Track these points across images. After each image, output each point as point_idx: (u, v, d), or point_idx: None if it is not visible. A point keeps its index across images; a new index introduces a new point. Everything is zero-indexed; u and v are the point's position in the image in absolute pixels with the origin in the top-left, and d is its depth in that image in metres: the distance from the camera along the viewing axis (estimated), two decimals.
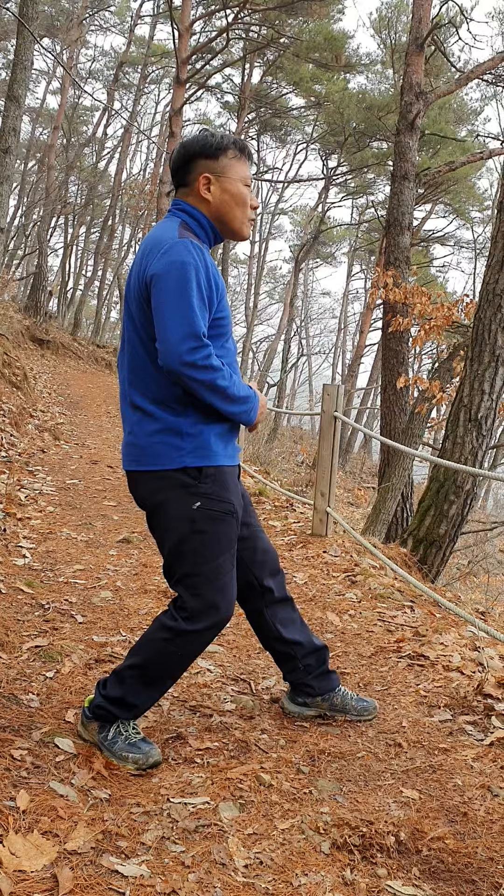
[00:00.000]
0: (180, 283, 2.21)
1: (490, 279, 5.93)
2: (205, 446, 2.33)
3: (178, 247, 2.25)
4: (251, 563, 2.66)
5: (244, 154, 2.45)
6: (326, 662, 2.84)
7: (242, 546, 2.62)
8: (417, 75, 10.80)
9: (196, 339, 2.20)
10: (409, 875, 2.00)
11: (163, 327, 2.21)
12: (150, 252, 2.31)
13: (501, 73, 14.49)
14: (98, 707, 2.47)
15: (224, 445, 2.40)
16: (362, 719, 2.85)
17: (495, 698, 3.02)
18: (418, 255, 30.81)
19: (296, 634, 2.77)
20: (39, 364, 18.96)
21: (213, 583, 2.38)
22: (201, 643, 2.44)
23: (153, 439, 2.33)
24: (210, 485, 2.35)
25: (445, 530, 6.10)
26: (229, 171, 2.41)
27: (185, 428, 2.32)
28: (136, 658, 2.43)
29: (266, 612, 2.73)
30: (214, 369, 2.24)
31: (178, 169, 2.45)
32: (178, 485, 2.33)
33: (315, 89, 26.54)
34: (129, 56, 31.07)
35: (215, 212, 2.42)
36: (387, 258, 10.79)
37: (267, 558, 2.70)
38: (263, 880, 1.93)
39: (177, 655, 2.41)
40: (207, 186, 2.40)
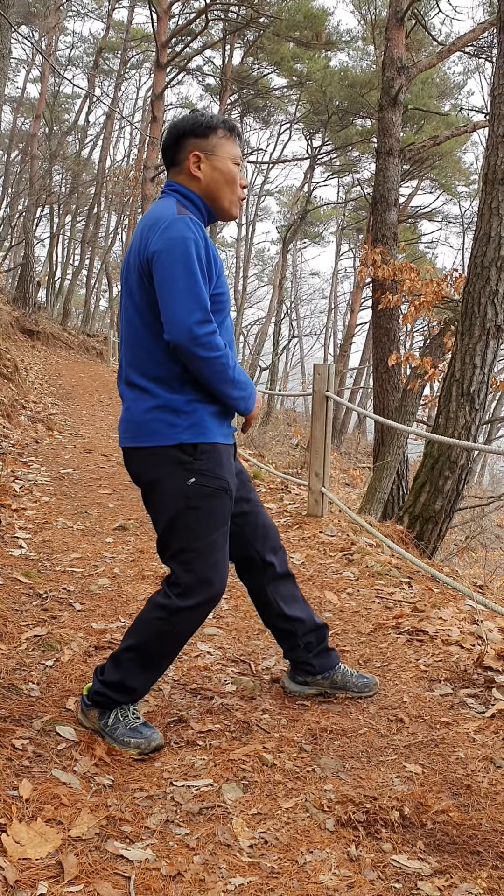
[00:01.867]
0: (184, 258, 2.23)
1: (478, 252, 5.90)
2: (200, 423, 2.35)
3: (178, 223, 2.27)
4: (252, 538, 2.67)
5: (233, 133, 2.46)
6: (326, 640, 2.84)
7: (243, 521, 2.63)
8: (399, 50, 10.71)
9: (203, 313, 2.23)
10: (414, 849, 2.00)
11: (169, 302, 2.24)
12: (149, 229, 2.33)
13: (483, 44, 14.40)
14: (97, 693, 2.47)
15: (219, 424, 2.41)
16: (363, 695, 2.85)
17: (495, 670, 3.02)
18: (406, 231, 30.72)
19: (297, 611, 2.77)
20: (30, 355, 18.90)
21: (207, 558, 2.39)
22: (195, 620, 2.43)
23: (149, 416, 2.35)
24: (205, 461, 2.36)
25: (441, 506, 6.10)
26: (219, 150, 2.43)
27: (181, 405, 2.33)
28: (132, 640, 2.43)
29: (268, 588, 2.74)
30: (219, 347, 2.27)
31: (168, 148, 2.48)
32: (173, 461, 2.34)
33: (296, 68, 26.37)
34: (108, 41, 30.80)
35: (206, 189, 2.44)
36: (374, 235, 10.74)
37: (268, 534, 2.71)
38: (269, 859, 1.93)
39: (172, 634, 2.42)
40: (198, 164, 2.42)
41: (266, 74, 28.64)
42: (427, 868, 1.92)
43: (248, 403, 2.43)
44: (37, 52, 26.90)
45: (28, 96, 33.67)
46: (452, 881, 1.87)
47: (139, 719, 2.46)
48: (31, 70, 32.48)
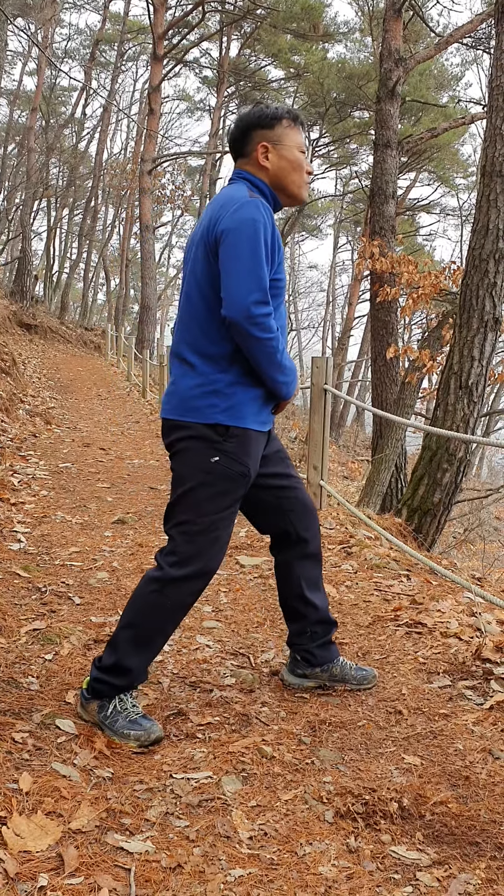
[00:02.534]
0: (251, 239, 2.31)
1: (476, 244, 5.90)
2: (237, 407, 2.42)
3: (249, 205, 2.35)
4: (290, 512, 2.71)
5: (297, 122, 2.55)
6: (330, 635, 2.86)
7: (283, 495, 2.69)
8: (396, 41, 10.68)
9: (263, 294, 2.30)
10: (413, 840, 2.01)
11: (231, 279, 2.31)
12: (220, 208, 2.40)
13: (481, 36, 14.35)
14: (95, 681, 2.48)
15: (256, 410, 2.48)
16: (362, 688, 2.86)
17: (494, 662, 3.03)
18: (404, 224, 30.67)
19: (315, 598, 2.80)
20: (28, 349, 18.88)
21: (209, 534, 2.44)
22: (187, 593, 2.46)
23: (192, 392, 2.42)
24: (233, 444, 2.43)
25: (439, 498, 6.11)
26: (285, 139, 2.52)
27: (222, 387, 2.41)
28: (127, 617, 2.47)
29: (296, 565, 2.77)
30: (272, 329, 2.34)
31: (236, 141, 2.56)
32: (204, 437, 2.42)
33: (294, 60, 26.29)
34: (104, 33, 30.70)
35: (274, 178, 2.53)
36: (372, 228, 10.73)
37: (307, 512, 2.74)
38: (268, 851, 1.94)
39: (165, 607, 2.44)
40: (265, 154, 2.51)
41: (263, 66, 28.57)
42: (426, 859, 1.93)
43: (290, 388, 2.50)
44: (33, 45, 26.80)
45: (24, 89, 33.59)
46: (451, 872, 1.88)
47: (138, 712, 2.47)
48: (28, 62, 32.35)
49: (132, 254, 37.56)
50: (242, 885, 1.80)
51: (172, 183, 31.24)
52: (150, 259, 24.46)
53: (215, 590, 4.02)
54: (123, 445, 9.11)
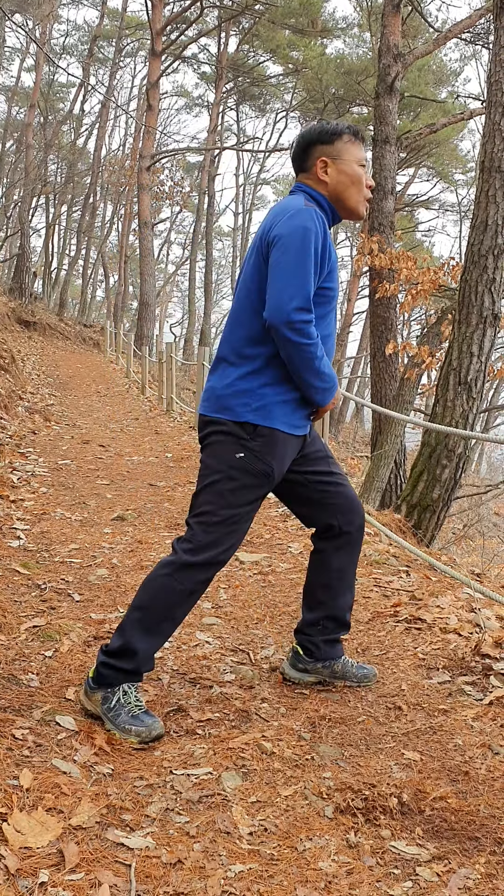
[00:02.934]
0: (300, 246, 2.37)
1: (475, 240, 5.90)
2: (266, 408, 2.49)
3: (303, 213, 2.42)
4: (333, 506, 2.75)
5: (358, 137, 2.61)
6: (339, 634, 2.88)
7: (327, 489, 2.73)
8: (395, 37, 10.66)
9: (304, 301, 2.36)
10: (413, 835, 2.02)
11: (276, 283, 2.38)
12: (276, 215, 2.48)
13: (480, 31, 14.33)
14: (101, 665, 2.50)
15: (288, 413, 2.53)
16: (362, 685, 2.87)
17: (493, 658, 3.04)
18: (403, 219, 30.65)
19: (340, 591, 2.82)
20: (27, 346, 18.87)
21: (227, 526, 2.51)
22: (198, 580, 2.51)
23: (227, 392, 2.51)
24: (259, 444, 2.49)
25: (439, 495, 6.11)
26: (344, 154, 2.58)
27: (255, 387, 2.48)
28: (137, 600, 2.52)
29: (333, 555, 2.80)
30: (311, 336, 2.39)
31: (297, 157, 2.64)
32: (233, 434, 2.50)
33: (292, 56, 26.26)
34: (102, 29, 30.64)
35: (333, 192, 2.59)
36: (371, 224, 10.72)
37: (353, 507, 2.77)
38: (268, 846, 1.94)
39: (176, 591, 2.49)
40: (325, 169, 2.57)
41: (262, 62, 28.53)
42: (425, 854, 1.94)
43: (327, 396, 2.55)
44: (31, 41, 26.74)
45: (22, 85, 33.56)
46: (451, 867, 1.88)
47: (142, 707, 2.48)
48: (26, 59, 32.33)
49: (131, 250, 37.54)
50: (243, 881, 1.80)
51: (171, 179, 31.23)
52: (148, 256, 24.44)
53: (215, 586, 4.03)
54: (123, 442, 9.11)
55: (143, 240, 24.42)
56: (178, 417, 11.89)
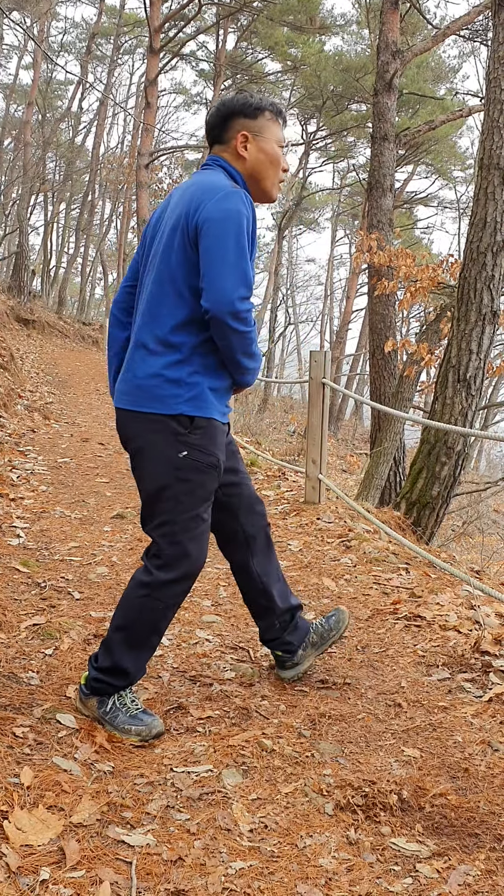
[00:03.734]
0: (236, 232, 2.25)
1: (474, 237, 5.89)
2: (200, 397, 2.36)
3: (235, 196, 2.29)
4: (238, 509, 2.69)
5: (280, 116, 2.52)
6: (297, 617, 2.86)
7: (231, 492, 2.66)
8: (393, 34, 10.65)
9: (247, 290, 2.27)
10: (413, 832, 2.02)
11: (217, 273, 2.24)
12: (202, 194, 2.31)
13: (479, 27, 14.31)
14: (94, 680, 2.48)
15: (218, 400, 2.43)
16: (342, 632, 2.88)
17: (492, 655, 3.04)
18: (402, 217, 30.64)
19: (276, 589, 2.80)
20: (25, 344, 18.86)
21: (190, 531, 2.41)
22: (178, 593, 2.45)
23: (152, 381, 2.35)
24: (199, 436, 2.38)
25: (438, 492, 6.11)
26: (265, 132, 2.47)
27: (185, 376, 2.34)
28: (119, 620, 2.45)
29: (251, 563, 2.75)
30: (251, 322, 2.31)
31: (215, 126, 2.51)
32: (168, 430, 2.35)
33: (291, 53, 26.19)
34: (100, 27, 30.57)
35: (250, 170, 2.47)
36: (370, 221, 10.71)
37: (254, 507, 2.73)
38: (269, 843, 1.95)
39: (158, 609, 2.43)
40: (245, 144, 2.46)
41: (260, 59, 28.46)
42: (425, 851, 1.94)
43: (255, 376, 2.46)
44: (29, 39, 26.70)
45: (20, 83, 33.47)
46: (451, 863, 1.89)
47: (139, 707, 2.48)
48: (24, 56, 32.24)
49: (130, 248, 37.49)
50: (243, 878, 1.81)
51: (169, 177, 31.17)
52: None
53: (214, 584, 4.03)
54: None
55: None
56: None
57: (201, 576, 4.17)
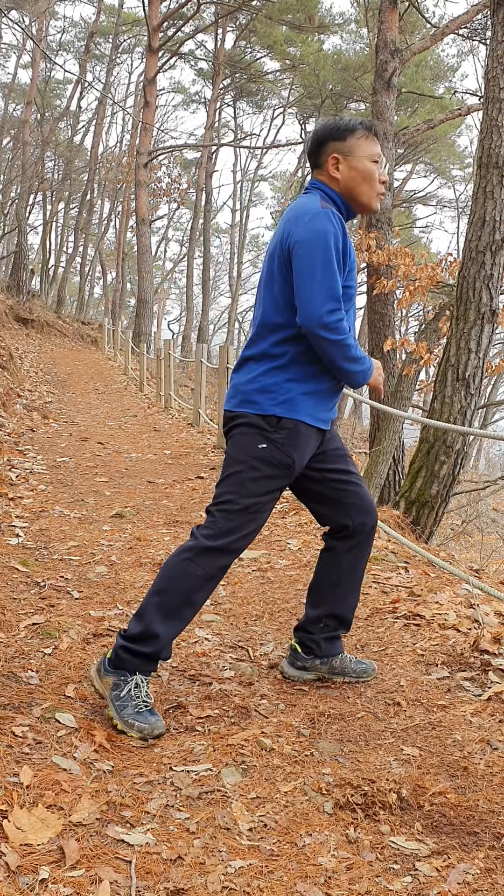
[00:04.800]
0: (323, 250, 2.43)
1: (472, 236, 5.89)
2: (292, 401, 2.55)
3: (321, 216, 2.47)
4: (350, 505, 2.77)
5: (371, 132, 2.62)
6: (339, 632, 2.89)
7: (345, 488, 2.76)
8: (392, 32, 10.65)
9: (335, 302, 2.43)
10: (412, 830, 2.02)
11: (306, 290, 2.44)
12: (294, 220, 2.52)
13: (477, 26, 14.32)
14: (120, 649, 2.52)
15: (313, 405, 2.59)
16: (361, 681, 2.88)
17: (492, 654, 3.04)
18: (401, 216, 30.64)
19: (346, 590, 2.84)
20: (24, 343, 18.86)
21: (247, 514, 2.56)
22: (217, 565, 2.56)
23: (252, 386, 2.58)
24: (283, 436, 2.55)
25: (437, 491, 6.12)
26: (356, 150, 2.59)
27: (280, 382, 2.55)
28: (157, 585, 2.55)
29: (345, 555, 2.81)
30: (344, 330, 2.46)
31: (312, 153, 2.68)
32: (256, 426, 2.57)
33: (289, 52, 26.22)
34: (99, 26, 30.57)
35: (344, 188, 2.62)
36: (369, 220, 10.71)
37: (368, 509, 2.80)
38: (268, 842, 1.95)
39: (196, 574, 2.52)
40: (336, 165, 2.60)
41: (259, 58, 28.48)
42: (425, 849, 1.94)
43: (367, 375, 2.60)
44: (27, 38, 26.67)
45: (19, 82, 33.44)
46: (450, 862, 1.89)
47: (149, 705, 2.48)
48: (22, 55, 32.22)
49: (128, 247, 37.51)
50: (243, 877, 1.81)
51: (168, 176, 31.17)
52: (146, 253, 24.42)
53: None
54: (121, 439, 9.11)
55: (140, 237, 24.40)
56: (176, 414, 11.89)
57: None
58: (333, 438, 2.79)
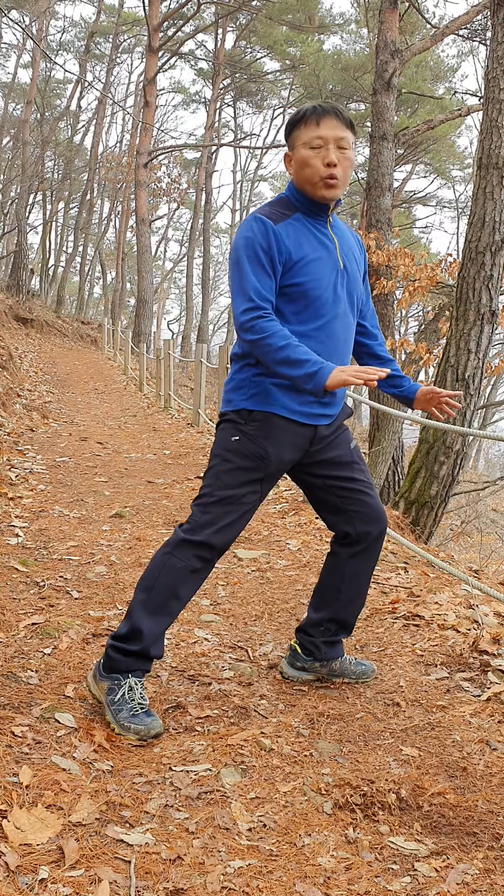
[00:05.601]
0: (237, 258, 2.47)
1: (472, 237, 5.90)
2: (262, 394, 2.55)
3: (243, 225, 2.52)
4: (354, 513, 2.72)
5: (313, 115, 2.49)
6: (340, 636, 2.87)
7: (353, 498, 2.71)
8: (392, 33, 10.65)
9: (247, 302, 2.42)
10: (411, 831, 2.02)
11: (231, 297, 2.53)
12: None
13: (477, 27, 14.32)
14: (110, 648, 2.53)
15: (287, 397, 2.55)
16: (360, 682, 2.88)
17: (491, 654, 3.05)
18: (400, 216, 30.65)
19: (349, 596, 2.80)
20: (24, 343, 18.85)
21: (223, 507, 2.55)
22: (196, 557, 2.53)
23: (229, 386, 2.65)
24: (254, 427, 2.55)
25: (436, 491, 6.12)
26: (296, 142, 2.53)
27: (250, 377, 2.56)
28: (142, 580, 2.57)
29: (348, 561, 2.78)
30: (263, 329, 2.39)
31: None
32: (231, 420, 2.61)
33: (289, 52, 26.23)
34: (99, 25, 30.56)
35: (296, 183, 2.58)
36: (368, 221, 10.71)
37: (374, 518, 2.74)
38: (267, 842, 1.95)
39: (177, 567, 2.52)
40: (288, 163, 2.60)
41: (259, 58, 28.48)
42: (424, 849, 1.94)
43: (311, 381, 2.35)
44: (27, 37, 26.67)
45: (19, 81, 33.43)
46: (449, 862, 1.89)
47: (145, 707, 2.48)
48: (22, 55, 32.21)
49: (128, 247, 37.50)
50: (242, 877, 1.81)
51: (168, 176, 31.18)
52: (146, 252, 24.42)
53: (213, 583, 4.03)
54: (121, 439, 9.11)
55: (140, 237, 24.40)
56: (175, 414, 11.89)
57: None
58: (339, 445, 2.72)
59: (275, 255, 2.43)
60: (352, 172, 2.60)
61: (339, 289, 2.56)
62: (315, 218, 2.55)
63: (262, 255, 2.43)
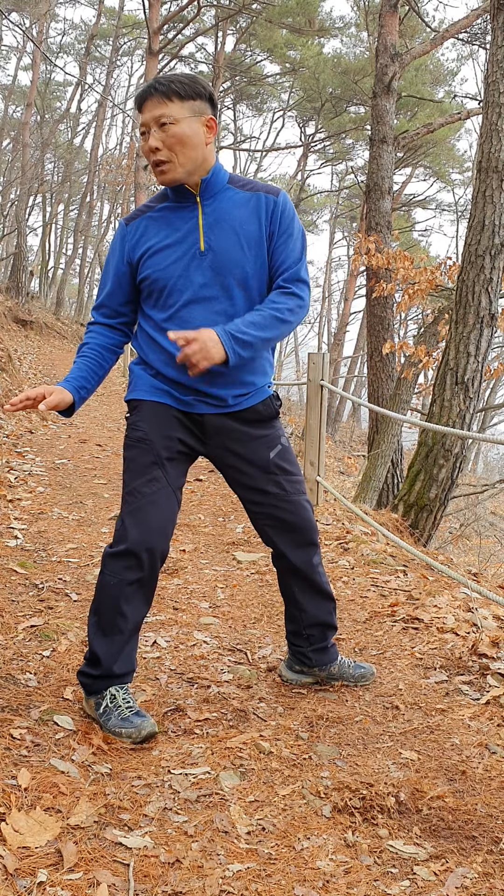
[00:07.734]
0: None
1: (472, 240, 5.90)
2: (133, 382, 2.58)
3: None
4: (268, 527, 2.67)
5: (136, 104, 2.37)
6: (328, 639, 2.82)
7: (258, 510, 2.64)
8: (392, 36, 10.66)
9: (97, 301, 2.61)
10: (410, 834, 2.02)
11: None
12: None
13: (477, 31, 14.33)
14: (79, 675, 2.55)
15: (152, 384, 2.53)
16: (359, 685, 2.87)
17: (490, 657, 3.04)
18: (400, 219, 30.67)
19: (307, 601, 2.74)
20: (23, 345, 18.85)
21: (128, 506, 2.47)
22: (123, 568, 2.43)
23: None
24: (133, 415, 2.56)
25: (436, 494, 6.12)
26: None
27: (132, 370, 2.61)
28: (91, 607, 2.55)
29: (284, 574, 2.75)
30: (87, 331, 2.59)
31: None
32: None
33: (289, 55, 26.24)
34: (99, 28, 30.58)
35: None
36: (368, 224, 10.72)
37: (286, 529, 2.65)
38: (266, 846, 1.94)
39: (111, 584, 2.45)
40: None
41: (259, 61, 28.50)
42: (423, 853, 1.94)
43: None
44: (28, 40, 26.68)
45: (19, 84, 33.46)
46: (448, 866, 1.89)
47: (132, 709, 2.46)
48: (23, 57, 32.25)
49: None
50: (241, 880, 1.81)
51: None
52: None
53: (212, 586, 4.03)
54: (120, 441, 9.10)
55: None
56: None
57: (198, 577, 4.17)
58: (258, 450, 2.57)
59: (118, 258, 2.50)
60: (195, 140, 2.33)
61: (193, 272, 2.39)
62: (181, 203, 2.42)
63: (110, 260, 2.54)
